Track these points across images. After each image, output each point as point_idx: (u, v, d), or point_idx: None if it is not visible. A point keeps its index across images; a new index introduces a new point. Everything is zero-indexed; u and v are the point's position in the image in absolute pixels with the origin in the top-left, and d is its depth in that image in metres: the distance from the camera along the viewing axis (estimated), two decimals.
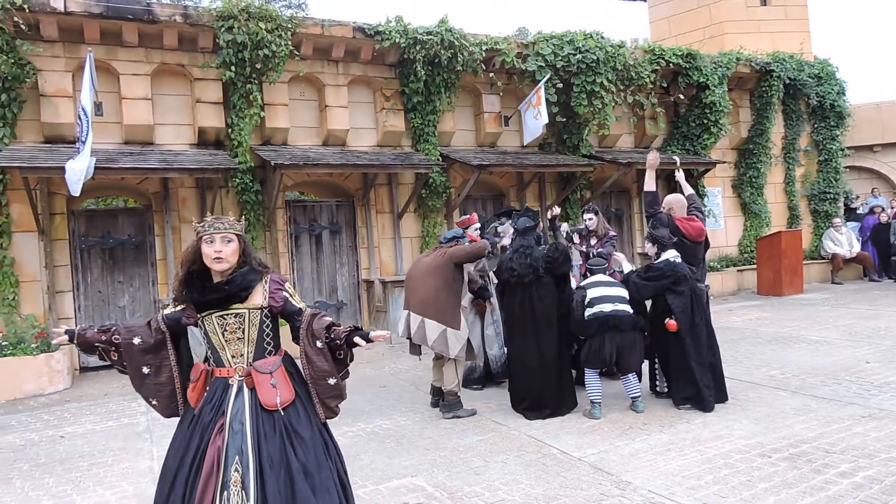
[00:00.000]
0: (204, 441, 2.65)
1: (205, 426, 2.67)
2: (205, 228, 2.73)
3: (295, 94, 9.63)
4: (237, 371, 2.75)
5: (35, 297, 8.08)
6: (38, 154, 7.70)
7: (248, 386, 2.72)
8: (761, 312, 10.29)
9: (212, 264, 2.72)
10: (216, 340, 2.76)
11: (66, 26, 8.12)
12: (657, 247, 5.60)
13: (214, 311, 2.74)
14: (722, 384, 5.50)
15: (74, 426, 5.92)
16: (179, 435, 2.77)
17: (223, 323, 2.74)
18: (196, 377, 2.79)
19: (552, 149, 11.49)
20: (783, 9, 14.97)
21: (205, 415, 2.70)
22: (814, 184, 14.40)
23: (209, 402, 2.72)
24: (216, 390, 2.74)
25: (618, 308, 5.32)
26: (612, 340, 5.26)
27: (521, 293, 5.47)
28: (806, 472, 3.95)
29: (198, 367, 2.85)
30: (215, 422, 2.67)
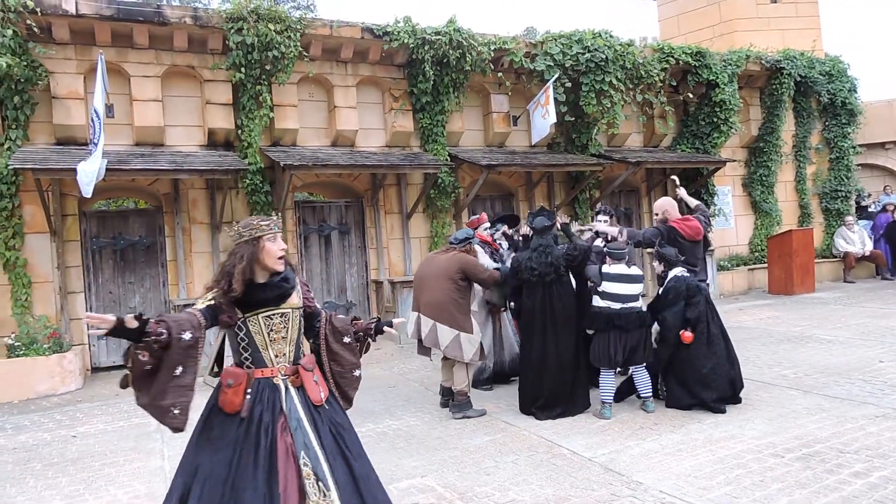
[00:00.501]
0: (269, 440, 2.64)
1: (266, 426, 2.66)
2: (270, 227, 2.78)
3: (304, 94, 9.66)
4: (280, 370, 2.78)
5: (47, 298, 8.15)
6: (50, 156, 7.76)
7: (294, 385, 2.79)
8: (772, 311, 10.21)
9: (276, 263, 2.77)
10: (260, 340, 2.77)
11: (78, 29, 8.18)
12: (664, 265, 5.58)
13: (262, 311, 2.76)
14: (738, 386, 5.43)
15: (86, 426, 5.96)
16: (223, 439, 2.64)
17: (269, 323, 2.78)
18: (238, 381, 2.71)
19: (561, 148, 11.46)
20: (794, 6, 14.87)
21: (262, 415, 2.67)
22: (825, 182, 14.28)
23: (259, 402, 2.70)
24: (262, 391, 2.73)
25: (626, 306, 5.30)
26: (617, 339, 5.26)
27: (542, 292, 5.46)
28: (819, 473, 3.91)
29: (234, 370, 2.77)
30: (275, 421, 2.68)
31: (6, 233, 7.84)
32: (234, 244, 2.79)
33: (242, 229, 2.78)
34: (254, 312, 2.75)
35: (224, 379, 2.76)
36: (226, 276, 2.73)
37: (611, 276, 5.38)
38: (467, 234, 5.83)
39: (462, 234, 5.85)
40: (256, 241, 2.75)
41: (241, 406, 2.68)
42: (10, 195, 7.84)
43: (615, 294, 5.33)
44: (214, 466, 2.60)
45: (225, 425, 2.69)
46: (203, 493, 2.57)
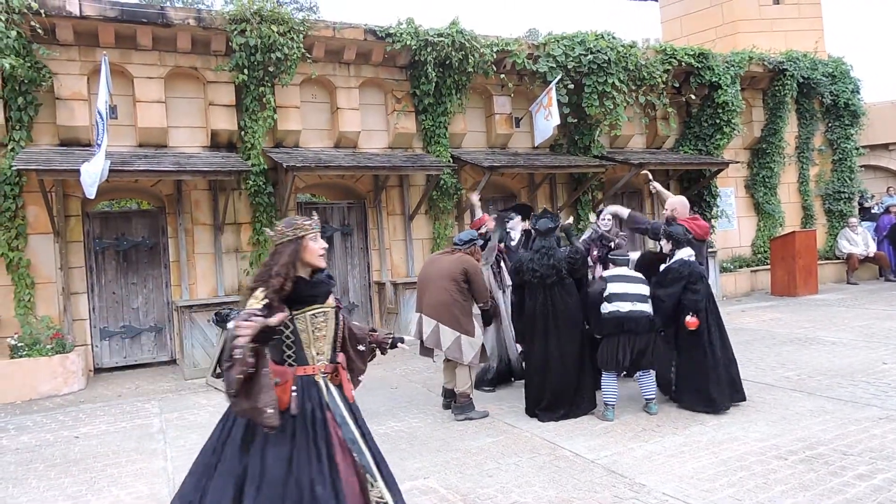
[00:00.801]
0: (324, 434, 2.70)
1: (319, 422, 2.71)
2: (312, 227, 2.85)
3: (307, 96, 9.67)
4: (320, 368, 2.84)
5: (50, 299, 8.16)
6: (53, 157, 7.78)
7: (333, 383, 2.87)
8: (775, 313, 10.20)
9: (318, 261, 2.85)
10: (305, 338, 2.81)
11: (82, 30, 8.21)
12: (672, 243, 5.58)
13: (309, 309, 2.82)
14: (739, 384, 5.43)
15: (89, 427, 5.97)
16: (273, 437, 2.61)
17: (314, 321, 2.84)
18: (285, 379, 2.73)
19: (563, 150, 11.46)
20: (796, 7, 14.86)
21: (313, 411, 2.72)
22: (828, 183, 14.26)
23: (309, 399, 2.75)
24: (307, 388, 2.77)
25: (635, 308, 5.27)
26: (626, 343, 5.24)
27: (543, 294, 5.46)
28: (823, 475, 3.90)
29: (279, 368, 2.76)
30: (325, 417, 2.74)
31: (10, 233, 7.85)
32: (276, 244, 2.83)
33: (286, 228, 2.83)
34: (302, 311, 2.80)
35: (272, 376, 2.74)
36: (276, 274, 2.73)
37: (613, 277, 5.37)
38: (471, 236, 5.82)
39: (466, 235, 5.85)
40: (301, 240, 2.81)
41: (288, 403, 2.69)
42: (14, 196, 7.86)
43: (622, 294, 5.29)
44: (268, 465, 2.59)
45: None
46: (260, 493, 2.55)
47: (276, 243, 2.83)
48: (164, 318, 9.06)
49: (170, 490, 4.27)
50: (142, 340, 8.96)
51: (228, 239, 9.19)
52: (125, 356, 8.85)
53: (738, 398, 5.38)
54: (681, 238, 5.54)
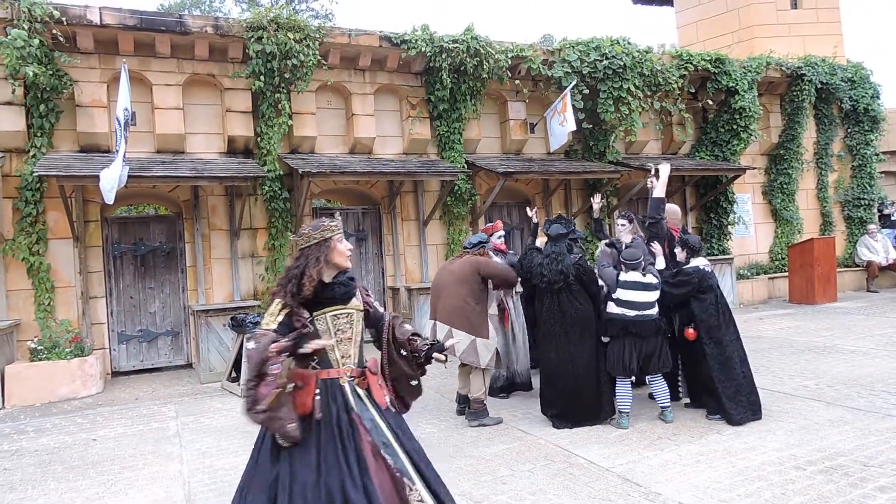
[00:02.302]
0: (353, 438, 2.65)
1: (345, 425, 2.67)
2: (338, 227, 2.86)
3: (322, 102, 9.74)
4: (346, 372, 2.80)
5: (70, 303, 8.27)
6: (73, 163, 7.89)
7: (361, 387, 2.81)
8: (793, 321, 10.07)
9: (346, 261, 2.85)
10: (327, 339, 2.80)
11: (102, 38, 8.33)
12: (687, 252, 5.57)
13: (329, 311, 2.79)
14: (756, 401, 5.32)
15: (106, 429, 6.02)
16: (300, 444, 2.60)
17: (336, 322, 2.81)
18: (306, 382, 2.72)
19: (578, 155, 11.44)
20: (814, 12, 14.73)
21: (337, 415, 2.68)
22: (847, 189, 14.10)
23: (334, 402, 2.71)
24: (332, 392, 2.74)
25: (642, 314, 5.23)
26: (633, 346, 5.20)
27: (550, 299, 5.45)
28: (843, 486, 3.84)
29: (301, 372, 2.76)
30: (352, 419, 2.69)
31: (30, 238, 7.98)
32: (301, 248, 2.83)
33: (313, 231, 2.83)
34: (322, 311, 2.78)
35: (292, 381, 2.72)
36: (295, 278, 2.75)
37: (626, 283, 5.34)
38: (481, 239, 5.81)
39: (476, 238, 5.83)
40: (328, 242, 2.81)
41: (311, 407, 2.67)
42: (35, 202, 7.99)
43: (630, 301, 5.27)
44: (298, 472, 2.57)
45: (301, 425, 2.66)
46: (291, 500, 2.53)
47: (303, 247, 2.83)
48: (180, 323, 9.15)
49: (185, 493, 4.30)
50: (158, 344, 9.04)
51: (244, 244, 9.27)
52: (142, 360, 8.93)
53: (756, 416, 5.29)
54: (695, 246, 5.55)
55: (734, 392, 5.18)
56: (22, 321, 8.00)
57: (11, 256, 7.96)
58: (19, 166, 8.05)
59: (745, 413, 5.17)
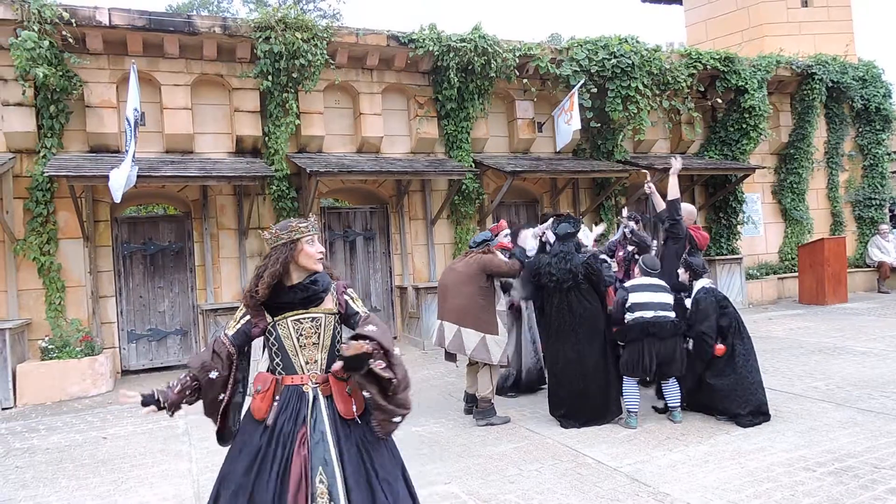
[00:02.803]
0: (287, 452, 2.56)
1: (285, 436, 2.58)
2: (307, 229, 2.72)
3: (330, 102, 9.77)
4: (311, 378, 2.69)
5: (80, 302, 8.33)
6: (83, 163, 7.95)
7: (324, 394, 2.67)
8: (803, 322, 10.01)
9: (315, 265, 2.72)
10: (289, 345, 2.69)
11: (111, 39, 8.38)
12: (690, 274, 5.55)
13: (290, 315, 2.70)
14: (765, 408, 5.26)
15: (116, 428, 6.07)
16: (248, 446, 2.60)
17: (299, 327, 2.70)
18: (266, 387, 2.67)
19: (586, 154, 11.41)
20: (825, 10, 14.62)
21: (284, 425, 2.60)
22: (858, 189, 13.99)
23: (284, 411, 2.63)
24: (289, 399, 2.65)
25: (659, 315, 5.20)
26: (651, 348, 5.17)
27: (559, 298, 5.44)
28: (853, 488, 3.81)
29: (264, 376, 2.72)
30: (296, 432, 2.59)
31: (41, 238, 8.04)
32: (270, 247, 2.74)
33: (280, 231, 2.72)
34: (282, 316, 2.69)
35: (255, 384, 2.71)
36: (256, 279, 2.70)
37: (635, 287, 5.29)
38: (485, 237, 5.78)
39: (480, 236, 5.81)
40: (294, 244, 2.70)
41: (266, 413, 2.63)
42: (46, 202, 8.05)
43: (644, 303, 5.23)
44: (238, 475, 2.56)
45: (251, 432, 2.64)
46: (228, 501, 2.53)
47: (271, 246, 2.74)
48: (189, 322, 9.19)
49: (195, 491, 4.32)
50: (168, 343, 9.09)
51: (252, 243, 9.30)
52: (151, 358, 8.99)
53: (763, 420, 5.25)
54: (699, 270, 5.53)
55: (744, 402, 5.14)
56: (33, 320, 8.07)
57: (23, 256, 8.03)
58: (30, 167, 8.12)
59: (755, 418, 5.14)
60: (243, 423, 2.73)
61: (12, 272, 8.04)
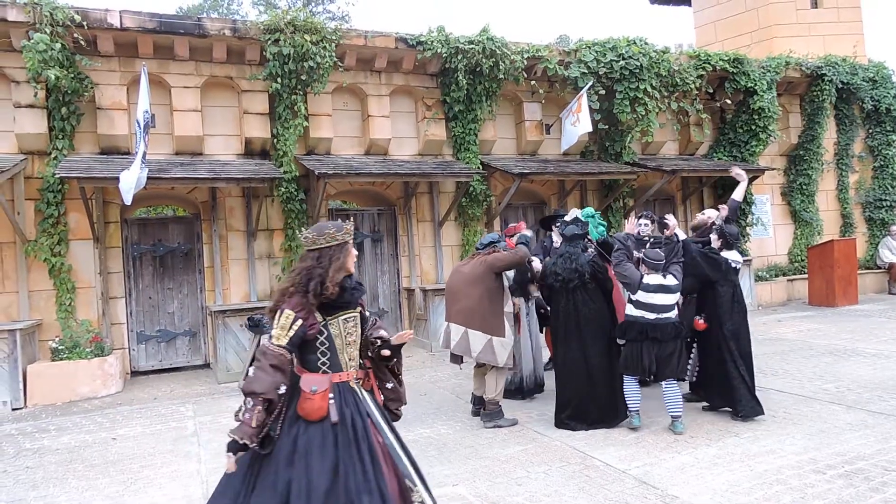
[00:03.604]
0: (367, 443, 2.69)
1: (360, 429, 2.70)
2: (351, 233, 2.91)
3: (338, 104, 9.79)
4: (354, 374, 2.84)
5: (90, 303, 8.39)
6: (94, 165, 8.00)
7: (365, 388, 2.87)
8: (813, 324, 9.95)
9: (353, 266, 2.89)
10: (339, 344, 2.82)
11: (122, 41, 8.45)
12: (721, 242, 5.59)
13: (341, 314, 2.82)
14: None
15: (126, 429, 6.10)
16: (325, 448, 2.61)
17: (346, 326, 2.84)
18: (323, 387, 2.69)
19: (594, 156, 11.39)
20: (835, 11, 14.56)
21: (352, 418, 2.71)
22: (869, 191, 13.91)
23: (347, 406, 2.74)
24: (344, 395, 2.76)
25: (661, 317, 5.16)
26: (650, 350, 5.11)
27: (566, 298, 5.43)
28: (863, 491, 3.79)
29: (315, 377, 2.73)
30: (366, 423, 2.74)
31: (52, 239, 8.10)
32: (319, 248, 2.79)
33: (337, 232, 2.82)
34: (335, 315, 2.80)
35: (305, 386, 2.69)
36: (318, 277, 2.72)
37: (649, 286, 5.24)
38: (492, 238, 5.76)
39: (487, 238, 5.79)
40: (347, 245, 2.84)
41: (327, 412, 2.66)
42: (57, 203, 8.11)
43: (650, 304, 5.19)
44: (313, 478, 2.54)
45: (312, 434, 2.63)
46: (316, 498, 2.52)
47: (322, 247, 2.78)
48: (198, 323, 9.24)
49: (203, 492, 4.34)
50: (177, 344, 9.14)
51: (261, 245, 9.34)
52: (161, 360, 9.03)
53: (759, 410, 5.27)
54: (730, 240, 5.56)
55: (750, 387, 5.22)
56: (43, 321, 8.12)
57: (34, 257, 8.09)
58: (41, 168, 8.18)
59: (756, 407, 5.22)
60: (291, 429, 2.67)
61: (23, 273, 8.10)
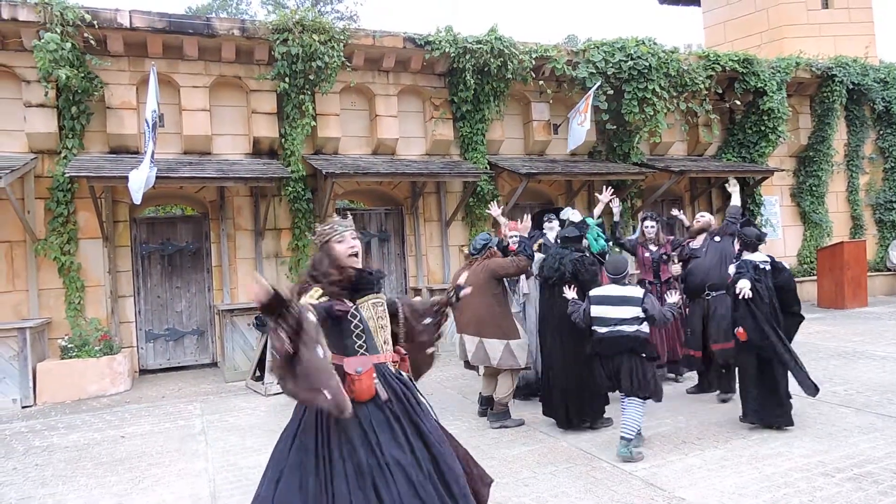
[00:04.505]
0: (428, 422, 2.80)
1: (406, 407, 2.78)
2: (332, 229, 2.98)
3: (346, 104, 9.81)
4: (389, 357, 2.91)
5: (99, 301, 8.43)
6: (103, 164, 8.05)
7: (403, 370, 2.97)
8: (822, 326, 9.88)
9: (349, 261, 2.89)
10: (373, 326, 2.88)
11: (132, 41, 8.49)
12: (742, 246, 5.37)
13: (369, 298, 2.89)
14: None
15: (134, 427, 6.13)
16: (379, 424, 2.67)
17: (376, 310, 2.91)
18: (366, 366, 2.75)
19: (602, 156, 11.36)
20: (846, 11, 14.47)
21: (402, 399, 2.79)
22: (879, 192, 13.80)
23: (390, 387, 2.80)
24: (385, 377, 2.83)
25: (613, 330, 4.73)
26: (604, 365, 4.84)
27: (549, 294, 5.48)
28: (872, 494, 3.76)
29: (357, 359, 2.77)
30: (410, 402, 2.81)
31: (62, 238, 8.15)
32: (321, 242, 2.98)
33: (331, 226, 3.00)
34: (364, 299, 2.87)
35: (350, 368, 2.72)
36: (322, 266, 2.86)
37: (595, 298, 4.91)
38: (485, 241, 5.65)
39: (480, 242, 5.65)
40: (327, 244, 2.93)
41: (376, 390, 2.73)
42: (66, 202, 8.16)
43: (600, 318, 4.82)
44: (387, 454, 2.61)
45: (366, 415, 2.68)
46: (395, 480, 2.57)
47: (322, 241, 2.97)
48: (206, 322, 9.27)
49: (211, 490, 4.36)
50: (185, 343, 9.18)
51: (269, 244, 9.36)
52: (168, 358, 9.08)
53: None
54: (750, 241, 5.31)
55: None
56: (53, 319, 8.18)
57: (43, 256, 8.14)
58: (51, 167, 8.24)
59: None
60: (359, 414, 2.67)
61: (33, 272, 8.16)
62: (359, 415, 2.64)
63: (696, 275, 6.28)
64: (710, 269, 6.16)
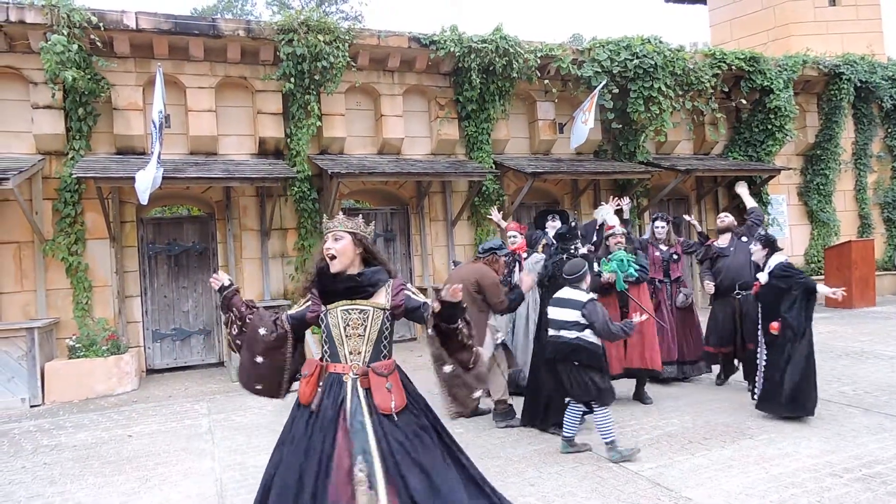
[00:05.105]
0: (329, 438, 2.64)
1: (327, 423, 2.68)
2: (326, 227, 2.99)
3: (351, 104, 9.82)
4: (352, 368, 2.78)
5: (106, 301, 8.47)
6: (110, 165, 8.08)
7: (363, 386, 2.76)
8: (830, 325, 9.83)
9: (333, 263, 2.87)
10: (336, 334, 2.81)
11: (138, 42, 8.52)
12: (767, 250, 5.41)
13: (341, 304, 2.83)
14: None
15: (141, 426, 6.16)
16: (296, 431, 2.74)
17: (347, 317, 2.81)
18: (310, 371, 2.82)
19: (608, 155, 11.33)
20: (854, 9, 14.38)
21: (326, 411, 2.71)
22: (887, 191, 13.73)
23: (327, 397, 2.74)
24: (331, 386, 2.77)
25: (558, 334, 4.69)
26: (546, 368, 4.80)
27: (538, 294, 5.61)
28: (881, 495, 3.74)
29: (311, 361, 2.91)
30: (337, 420, 2.68)
31: (69, 238, 8.19)
32: None
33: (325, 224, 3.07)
34: (333, 305, 2.84)
35: (303, 369, 2.89)
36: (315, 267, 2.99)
37: (552, 300, 4.84)
38: (493, 245, 5.56)
39: (489, 244, 5.59)
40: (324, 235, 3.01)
41: (311, 397, 2.75)
42: (74, 203, 8.20)
43: (550, 320, 4.79)
44: (289, 459, 2.68)
45: (298, 418, 2.79)
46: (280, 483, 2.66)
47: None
48: (212, 322, 9.30)
49: (217, 490, 4.37)
50: (191, 343, 9.21)
51: (275, 244, 9.39)
52: (175, 358, 9.11)
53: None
54: (775, 245, 5.38)
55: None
56: (61, 319, 8.22)
57: (51, 256, 8.19)
58: (58, 168, 8.28)
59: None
60: (293, 409, 2.85)
61: (41, 272, 8.20)
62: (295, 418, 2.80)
63: (725, 274, 6.37)
64: (740, 269, 6.25)
